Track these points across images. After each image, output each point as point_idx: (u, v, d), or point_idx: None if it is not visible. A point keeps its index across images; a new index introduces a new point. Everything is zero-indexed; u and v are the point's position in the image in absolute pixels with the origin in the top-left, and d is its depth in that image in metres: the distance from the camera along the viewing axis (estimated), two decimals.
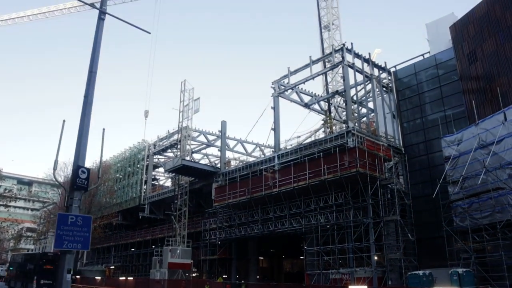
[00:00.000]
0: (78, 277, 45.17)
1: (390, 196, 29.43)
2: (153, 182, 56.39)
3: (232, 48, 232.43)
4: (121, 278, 45.18)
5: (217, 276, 38.32)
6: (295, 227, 30.77)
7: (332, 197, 28.83)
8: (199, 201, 45.45)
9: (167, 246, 38.66)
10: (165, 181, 60.16)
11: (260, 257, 44.22)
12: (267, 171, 33.93)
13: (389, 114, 35.36)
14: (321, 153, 30.19)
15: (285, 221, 31.56)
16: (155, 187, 54.81)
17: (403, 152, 33.95)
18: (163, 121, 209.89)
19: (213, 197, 38.79)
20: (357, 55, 33.85)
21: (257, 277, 40.06)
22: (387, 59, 45.58)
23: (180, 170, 41.30)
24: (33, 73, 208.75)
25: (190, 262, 38.54)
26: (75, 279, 40.61)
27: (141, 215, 50.13)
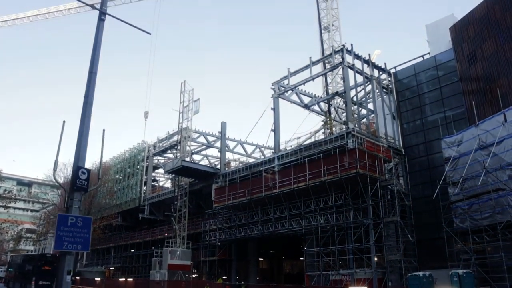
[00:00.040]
0: (78, 278, 45.10)
1: (390, 197, 29.39)
2: (153, 183, 56.37)
3: (232, 49, 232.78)
4: (120, 279, 45.12)
5: (217, 277, 38.29)
6: (295, 228, 30.75)
7: (332, 198, 28.81)
8: (199, 202, 45.41)
9: (167, 247, 38.62)
10: (165, 182, 60.23)
11: (260, 258, 44.17)
12: (267, 172, 33.92)
13: (389, 115, 35.38)
14: (321, 154, 30.16)
15: (285, 222, 31.54)
16: (155, 188, 54.80)
17: (403, 153, 33.94)
18: (163, 122, 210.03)
19: (213, 198, 38.75)
20: (357, 56, 33.87)
21: (257, 278, 40.00)
22: (387, 60, 45.77)
23: (180, 171, 41.28)
24: (33, 73, 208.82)
25: (190, 263, 38.51)
26: (74, 280, 40.54)
27: (141, 216, 50.11)
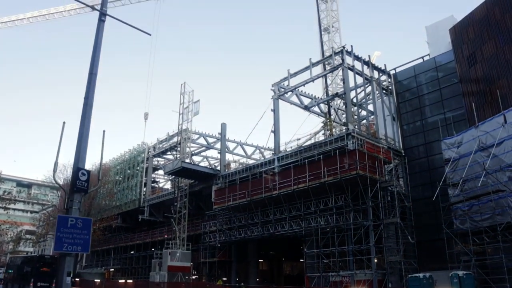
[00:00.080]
0: (78, 279, 45.04)
1: (390, 198, 29.37)
2: (152, 185, 56.31)
3: (232, 50, 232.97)
4: (120, 281, 45.06)
5: (217, 279, 38.25)
6: (295, 229, 30.72)
7: (332, 199, 28.79)
8: (199, 204, 45.38)
9: (167, 248, 38.57)
10: (164, 183, 60.17)
11: (260, 260, 44.12)
12: (267, 174, 33.90)
13: (389, 117, 35.42)
14: (321, 156, 30.14)
15: (285, 223, 31.52)
16: (155, 189, 54.74)
17: (403, 154, 33.96)
18: (163, 124, 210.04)
19: (213, 199, 38.71)
20: (357, 58, 33.89)
21: (257, 279, 39.95)
22: (387, 61, 45.90)
23: (179, 173, 41.25)
24: (33, 75, 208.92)
25: (189, 265, 38.47)
26: (74, 281, 40.50)
27: (140, 217, 50.04)
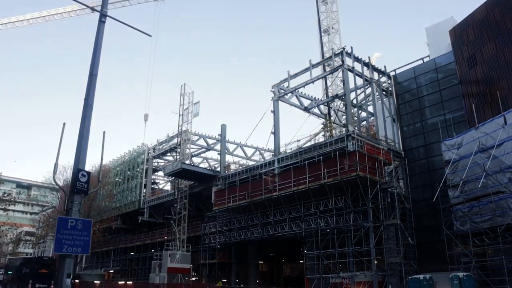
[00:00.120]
0: (77, 281, 44.93)
1: (390, 200, 29.36)
2: (152, 186, 56.27)
3: (232, 52, 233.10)
4: (120, 282, 44.97)
5: (217, 280, 38.17)
6: (295, 231, 30.68)
7: (332, 201, 28.77)
8: (198, 205, 45.35)
9: (167, 250, 38.53)
10: (164, 185, 60.14)
11: (260, 261, 44.07)
12: (267, 175, 33.88)
13: (389, 118, 35.41)
14: (321, 157, 30.12)
15: (285, 225, 31.50)
16: (155, 191, 54.69)
17: (403, 156, 33.96)
18: (163, 125, 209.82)
19: (212, 201, 38.69)
20: (356, 59, 33.91)
21: (256, 281, 39.89)
22: (387, 63, 45.94)
23: (179, 174, 41.21)
24: (32, 74, 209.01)
25: (189, 266, 38.42)
26: (74, 283, 40.40)
27: (140, 219, 50.00)
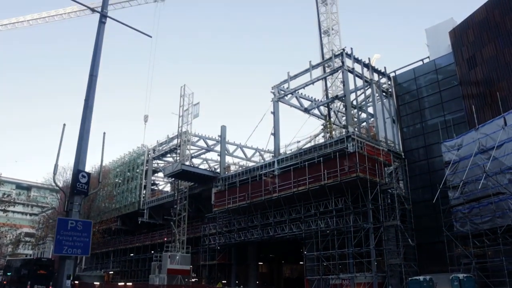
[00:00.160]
0: (77, 282, 44.89)
1: (390, 201, 29.35)
2: (152, 187, 56.27)
3: (232, 53, 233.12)
4: (120, 284, 44.98)
5: (217, 282, 38.14)
6: (295, 232, 30.66)
7: (332, 202, 28.76)
8: (198, 206, 45.33)
9: (167, 251, 38.51)
10: (164, 186, 60.15)
11: (260, 262, 44.02)
12: (266, 176, 33.86)
13: (389, 119, 35.41)
14: (321, 158, 30.13)
15: (285, 226, 31.48)
16: (155, 192, 54.69)
17: (403, 157, 33.94)
18: (163, 126, 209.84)
19: (212, 202, 38.67)
20: (356, 60, 33.93)
21: (256, 282, 39.85)
22: (387, 64, 46.04)
23: (179, 175, 41.20)
24: (33, 75, 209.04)
25: (189, 267, 38.38)
26: (73, 284, 40.33)
27: (140, 220, 49.99)
